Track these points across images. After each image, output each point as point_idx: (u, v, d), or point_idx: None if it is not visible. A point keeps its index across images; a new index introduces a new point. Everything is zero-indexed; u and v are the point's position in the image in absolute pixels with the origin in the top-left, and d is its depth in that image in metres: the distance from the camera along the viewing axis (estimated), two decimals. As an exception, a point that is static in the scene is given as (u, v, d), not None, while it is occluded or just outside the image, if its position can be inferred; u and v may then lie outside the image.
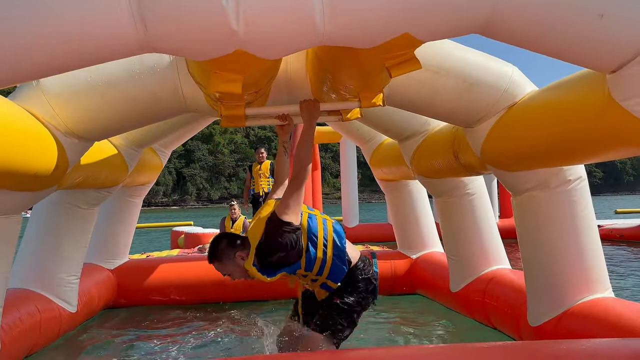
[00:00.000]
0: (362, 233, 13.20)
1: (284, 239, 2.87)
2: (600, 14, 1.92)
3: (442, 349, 2.63)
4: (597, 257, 3.61)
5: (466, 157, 3.89)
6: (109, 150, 4.45)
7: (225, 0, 1.85)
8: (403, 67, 2.32)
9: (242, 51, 2.02)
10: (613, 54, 2.09)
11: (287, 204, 2.91)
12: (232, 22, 1.89)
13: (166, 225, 24.14)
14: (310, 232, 2.98)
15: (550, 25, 2.04)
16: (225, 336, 4.80)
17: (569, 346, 2.34)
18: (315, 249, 2.98)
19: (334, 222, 3.15)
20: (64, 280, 4.69)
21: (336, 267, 3.03)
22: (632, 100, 2.19)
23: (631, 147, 2.60)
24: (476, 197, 4.96)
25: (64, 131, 3.30)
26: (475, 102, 3.36)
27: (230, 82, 2.34)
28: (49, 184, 3.32)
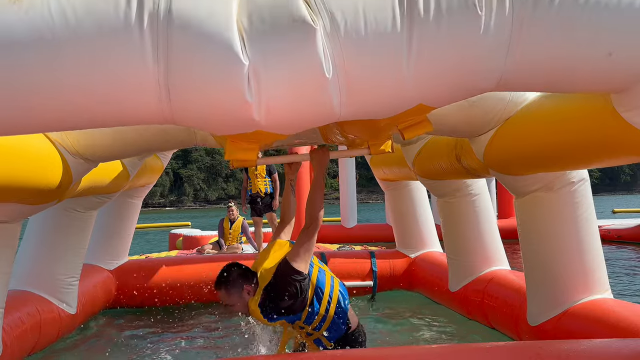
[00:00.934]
0: (360, 233, 13.20)
1: (292, 286, 2.87)
2: (609, 52, 1.96)
3: (441, 349, 2.65)
4: (598, 258, 3.63)
5: (469, 161, 3.90)
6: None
7: (249, 94, 1.90)
8: (415, 129, 2.40)
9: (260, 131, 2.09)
10: (620, 82, 2.13)
11: (298, 252, 2.91)
12: (254, 114, 1.95)
13: (163, 225, 24.10)
14: (317, 286, 2.99)
15: (559, 75, 2.09)
16: (226, 336, 4.81)
17: (569, 346, 2.35)
18: (319, 304, 2.98)
19: (340, 282, 3.17)
20: (64, 282, 4.69)
21: (335, 326, 3.03)
22: (633, 112, 2.23)
23: (631, 156, 2.63)
24: (479, 197, 4.98)
25: (72, 152, 3.34)
26: (480, 117, 3.36)
27: (246, 151, 2.38)
28: (51, 199, 3.36)
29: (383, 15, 1.88)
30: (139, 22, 1.85)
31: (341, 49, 1.89)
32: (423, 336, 4.74)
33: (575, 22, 1.91)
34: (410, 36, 1.89)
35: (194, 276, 6.14)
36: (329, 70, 1.91)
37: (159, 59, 1.88)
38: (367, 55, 1.91)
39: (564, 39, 1.94)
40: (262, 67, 1.88)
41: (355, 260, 6.54)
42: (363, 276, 6.41)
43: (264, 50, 1.87)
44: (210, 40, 1.86)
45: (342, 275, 6.32)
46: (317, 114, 2.05)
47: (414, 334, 4.83)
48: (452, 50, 1.93)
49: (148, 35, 1.85)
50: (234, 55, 1.86)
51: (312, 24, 1.86)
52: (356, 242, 11.45)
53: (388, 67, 1.94)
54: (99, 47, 1.85)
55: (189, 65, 1.89)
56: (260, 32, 1.87)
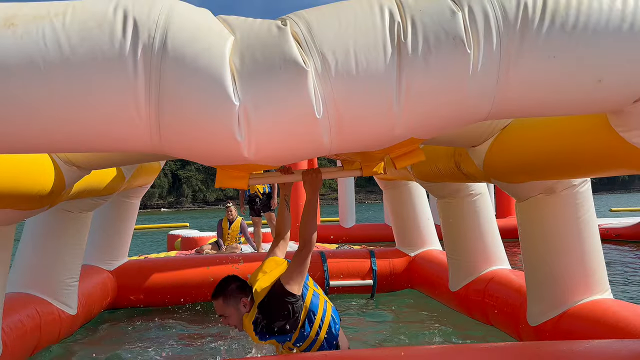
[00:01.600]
0: (358, 233, 13.22)
1: (284, 307, 2.88)
2: (598, 79, 1.95)
3: (439, 350, 2.65)
4: (598, 259, 3.65)
5: (469, 168, 3.90)
6: None
7: (239, 134, 1.91)
8: (407, 159, 2.43)
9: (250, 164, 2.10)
10: (612, 106, 2.12)
11: (292, 275, 2.93)
12: (244, 152, 1.97)
13: (162, 226, 24.08)
14: (310, 309, 3.01)
15: (550, 103, 2.09)
16: (228, 337, 4.81)
17: (567, 347, 2.35)
18: (310, 327, 3.00)
19: (333, 306, 3.17)
20: (63, 283, 4.68)
21: (323, 349, 3.04)
22: (631, 133, 2.23)
23: (628, 169, 2.62)
24: (479, 197, 4.98)
25: (65, 160, 3.34)
26: (475, 127, 3.36)
27: (236, 179, 2.40)
28: (42, 204, 3.36)
29: (374, 55, 1.89)
30: (133, 53, 1.84)
31: (332, 89, 1.90)
32: (423, 335, 4.74)
33: (564, 50, 1.91)
34: (400, 74, 1.90)
35: (194, 276, 6.13)
36: (320, 111, 1.92)
37: (151, 91, 1.87)
38: (358, 95, 1.92)
39: (553, 68, 1.94)
40: (253, 108, 1.88)
41: (355, 259, 6.54)
42: (363, 275, 6.41)
43: (255, 90, 1.88)
44: (203, 78, 1.86)
45: (342, 275, 6.35)
46: (307, 150, 2.08)
47: (414, 333, 4.83)
48: (442, 87, 1.94)
49: (141, 67, 1.85)
50: (226, 95, 1.86)
51: (303, 66, 1.87)
52: (354, 242, 11.47)
53: (378, 105, 1.95)
54: (91, 76, 1.85)
55: (180, 100, 1.88)
56: (252, 72, 1.88)
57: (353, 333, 4.89)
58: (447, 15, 1.89)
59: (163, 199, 70.12)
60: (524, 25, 1.89)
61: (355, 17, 1.93)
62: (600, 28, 1.88)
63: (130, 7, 1.87)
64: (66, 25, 1.83)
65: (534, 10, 1.89)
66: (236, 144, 1.93)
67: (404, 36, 1.89)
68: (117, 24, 1.84)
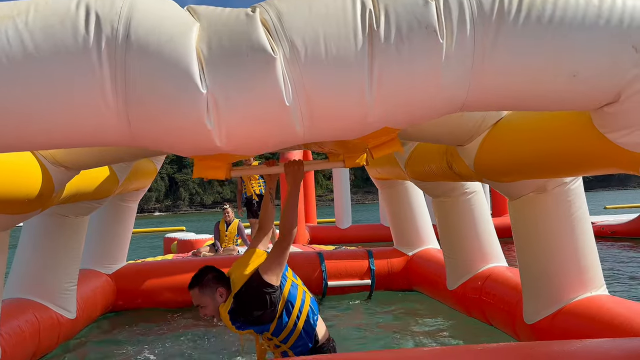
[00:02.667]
0: (354, 234, 13.23)
1: (262, 297, 2.88)
2: (573, 73, 1.96)
3: (432, 352, 2.64)
4: (592, 255, 3.65)
5: (460, 167, 3.92)
6: None
7: (208, 122, 1.91)
8: (384, 148, 2.41)
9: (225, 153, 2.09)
10: (592, 101, 2.12)
11: (270, 266, 2.93)
12: (215, 140, 1.96)
13: (158, 230, 24.01)
14: (288, 300, 3.00)
15: (525, 96, 2.09)
16: (229, 339, 4.82)
17: (560, 347, 2.35)
18: (288, 317, 3.00)
19: (312, 297, 3.17)
20: (61, 288, 4.69)
21: (302, 340, 3.04)
22: (616, 133, 2.21)
23: (614, 168, 2.63)
24: (474, 195, 5.00)
25: (52, 161, 3.31)
26: (461, 125, 3.37)
27: (214, 169, 2.38)
28: (33, 208, 3.34)
29: (344, 43, 1.89)
30: (97, 47, 1.85)
31: (302, 76, 1.90)
32: (421, 334, 4.76)
33: (540, 43, 1.91)
34: (372, 62, 1.90)
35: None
36: (289, 97, 1.92)
37: (117, 83, 1.88)
38: (328, 82, 1.92)
39: (528, 60, 1.94)
40: (221, 95, 1.88)
41: (353, 259, 6.54)
42: (361, 275, 6.43)
43: (223, 77, 1.88)
44: (168, 66, 1.86)
45: (340, 275, 6.37)
46: (279, 139, 2.07)
47: (411, 332, 4.85)
48: (415, 76, 1.94)
49: (106, 60, 1.85)
50: (193, 83, 1.86)
51: (271, 53, 1.87)
52: (351, 243, 11.47)
53: (350, 93, 1.95)
54: (56, 72, 1.86)
55: (147, 90, 1.89)
56: (219, 59, 1.88)
57: (351, 333, 4.91)
58: (420, 5, 1.89)
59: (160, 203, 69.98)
60: (500, 17, 1.90)
61: (326, 5, 1.92)
62: (576, 23, 1.89)
63: (92, 1, 1.89)
64: (29, 23, 1.85)
65: (510, 2, 1.90)
66: (206, 131, 1.93)
67: (377, 25, 1.89)
68: (80, 19, 1.85)
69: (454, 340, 4.55)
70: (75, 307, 4.84)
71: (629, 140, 2.16)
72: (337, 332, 4.84)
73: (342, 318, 5.46)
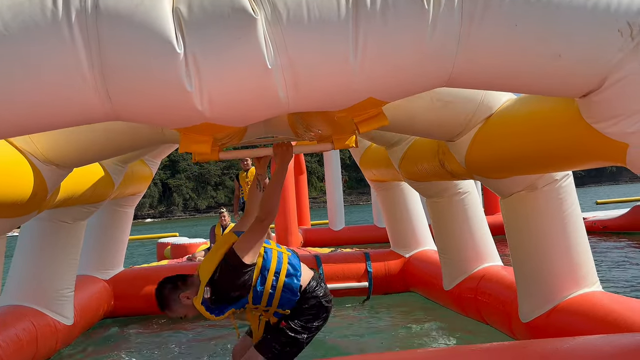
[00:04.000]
0: (347, 236, 13.23)
1: (240, 279, 2.85)
2: (558, 54, 1.95)
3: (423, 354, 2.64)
4: (585, 252, 3.67)
5: (452, 165, 3.94)
6: (93, 167, 4.40)
7: (189, 84, 1.89)
8: (371, 123, 2.39)
9: (209, 122, 2.07)
10: (577, 85, 2.11)
11: (251, 246, 2.88)
12: (197, 104, 1.93)
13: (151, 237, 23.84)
14: (263, 268, 2.98)
15: (510, 73, 2.11)
16: (226, 342, 4.82)
17: (552, 345, 2.36)
18: (262, 284, 2.97)
19: (290, 254, 3.13)
20: (58, 294, 4.67)
21: (285, 298, 3.02)
22: (603, 123, 2.22)
23: (602, 160, 2.65)
24: (467, 195, 5.02)
25: (42, 159, 3.28)
26: (452, 118, 3.39)
27: (200, 143, 2.35)
28: (28, 210, 3.32)
29: (328, 6, 1.88)
30: (67, 20, 1.83)
31: (284, 38, 1.88)
32: (418, 336, 4.77)
33: (526, 19, 1.93)
34: (357, 28, 1.89)
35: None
36: (272, 60, 1.90)
37: (92, 56, 1.86)
38: (310, 45, 1.90)
39: (514, 36, 1.95)
40: (201, 56, 1.87)
41: (350, 262, 6.54)
42: (358, 277, 6.42)
43: (203, 38, 1.87)
44: (141, 31, 1.84)
45: (338, 278, 6.37)
46: (263, 105, 2.03)
47: (409, 334, 4.87)
48: (400, 44, 1.93)
49: (78, 32, 1.84)
50: (168, 44, 1.85)
51: (252, 13, 1.86)
52: (344, 245, 11.48)
53: (334, 58, 1.92)
54: (29, 50, 1.84)
55: (122, 59, 1.87)
56: (200, 20, 1.87)
57: (350, 336, 4.92)
58: None
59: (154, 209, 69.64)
60: None
61: None
62: (564, 2, 1.91)
63: None
64: None
65: None
66: (187, 94, 1.90)
67: None
68: None
69: (451, 340, 4.56)
70: (73, 313, 4.83)
71: (616, 130, 2.18)
72: (335, 335, 4.86)
73: (340, 320, 5.47)
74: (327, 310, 3.13)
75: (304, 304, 3.06)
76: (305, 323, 3.05)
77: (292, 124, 3.11)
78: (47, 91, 1.92)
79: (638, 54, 1.96)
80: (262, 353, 3.03)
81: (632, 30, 1.92)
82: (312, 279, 3.13)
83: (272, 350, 3.02)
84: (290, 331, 3.02)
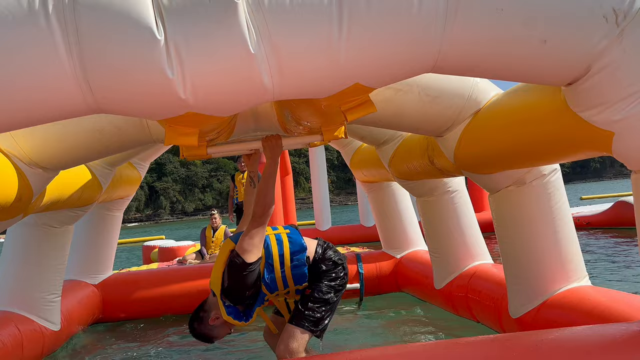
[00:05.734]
0: (334, 235, 13.27)
1: (248, 278, 2.88)
2: (543, 39, 1.96)
3: (411, 348, 2.65)
4: (573, 247, 3.71)
5: (441, 162, 3.96)
6: (80, 170, 4.36)
7: (170, 71, 1.86)
8: (358, 110, 2.38)
9: (194, 112, 2.04)
10: (563, 72, 2.12)
11: (253, 243, 2.88)
12: (179, 92, 1.90)
13: (136, 240, 23.64)
14: (267, 257, 3.01)
15: (496, 59, 2.11)
16: (217, 348, 4.78)
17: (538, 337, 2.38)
18: (271, 272, 3.02)
19: (289, 231, 3.16)
20: (44, 299, 4.60)
21: (297, 275, 3.09)
22: (589, 112, 2.24)
23: (592, 151, 2.68)
24: (457, 194, 5.05)
25: (27, 162, 3.22)
26: (441, 113, 3.40)
27: (186, 136, 2.31)
28: (12, 214, 3.25)
29: None
30: (44, 10, 1.80)
31: (266, 22, 1.86)
32: (409, 334, 4.79)
33: (511, 4, 1.93)
34: (341, 10, 1.87)
35: (180, 286, 6.07)
36: (254, 45, 1.87)
37: (71, 46, 1.83)
38: (294, 29, 1.88)
39: (499, 21, 1.95)
40: (183, 42, 1.84)
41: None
42: (350, 279, 6.40)
43: (184, 24, 1.85)
44: (120, 18, 1.82)
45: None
46: (248, 92, 2.00)
47: (401, 333, 4.88)
48: (385, 26, 1.91)
49: (55, 23, 1.81)
50: (148, 32, 1.82)
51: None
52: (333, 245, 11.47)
53: (318, 42, 1.89)
54: (6, 42, 1.80)
55: (102, 48, 1.84)
56: (180, 6, 1.85)
57: (343, 338, 4.91)
58: None
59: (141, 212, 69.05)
60: None
61: None
62: None
63: None
64: None
65: None
66: (168, 82, 1.87)
67: None
68: None
69: (442, 339, 4.58)
70: (60, 318, 4.76)
71: (602, 118, 2.20)
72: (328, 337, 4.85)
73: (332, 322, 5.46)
74: (344, 267, 3.21)
75: (318, 269, 3.12)
76: (329, 282, 3.12)
77: (280, 119, 3.10)
78: (26, 83, 1.87)
79: (623, 41, 1.97)
80: (299, 325, 3.08)
81: (617, 16, 1.93)
82: (317, 245, 3.19)
83: (307, 318, 3.08)
84: (318, 293, 3.10)
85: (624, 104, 2.08)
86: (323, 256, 3.15)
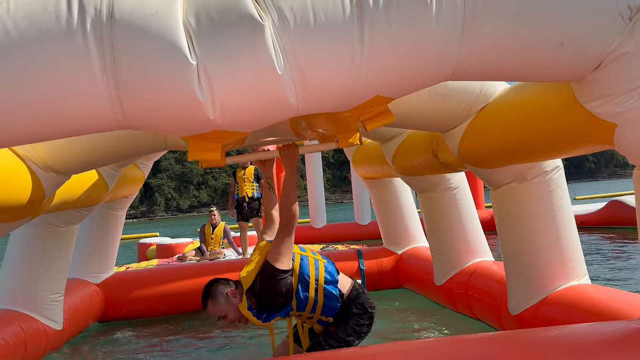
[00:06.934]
0: (329, 233, 13.32)
1: (279, 286, 2.91)
2: (560, 42, 2.00)
3: (407, 345, 2.68)
4: (574, 245, 3.72)
5: (445, 156, 3.98)
6: (88, 171, 4.33)
7: (201, 94, 1.90)
8: (377, 120, 2.42)
9: (219, 130, 2.08)
10: (578, 69, 2.16)
11: (280, 251, 2.93)
12: (209, 113, 1.95)
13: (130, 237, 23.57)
14: (302, 274, 3.02)
15: (514, 64, 2.15)
16: (220, 346, 4.82)
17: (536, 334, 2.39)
18: (305, 291, 3.02)
19: (326, 262, 3.18)
20: (48, 298, 4.62)
21: (328, 305, 3.08)
22: (594, 102, 2.27)
23: (595, 145, 2.72)
24: (458, 190, 5.07)
25: (42, 166, 3.25)
26: (451, 110, 3.43)
27: (209, 151, 2.36)
28: (23, 215, 3.29)
29: (332, 8, 1.90)
30: (82, 29, 1.84)
31: (292, 43, 1.90)
32: (411, 332, 4.81)
33: (527, 8, 1.97)
34: (362, 28, 1.91)
35: (182, 285, 6.07)
36: (281, 66, 1.92)
37: (106, 65, 1.87)
38: (318, 49, 1.91)
39: (516, 26, 1.99)
40: (212, 65, 1.88)
41: (343, 259, 6.55)
42: (351, 275, 6.38)
43: (213, 48, 1.88)
44: (156, 41, 1.85)
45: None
46: (274, 110, 2.05)
47: (401, 329, 4.91)
48: (405, 41, 1.95)
49: (92, 41, 1.84)
50: (182, 55, 1.86)
51: (259, 20, 1.88)
52: (326, 242, 11.53)
53: (341, 59, 1.94)
54: (43, 58, 1.84)
55: (136, 69, 1.88)
56: (209, 30, 1.88)
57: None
58: None
59: (135, 209, 68.77)
60: None
61: None
62: None
63: None
64: (11, 11, 1.84)
65: None
66: (199, 104, 1.91)
67: None
68: (62, 3, 1.85)
69: (442, 335, 4.61)
70: (62, 317, 4.77)
71: (605, 110, 2.24)
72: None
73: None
74: (371, 316, 3.21)
75: (348, 309, 3.13)
76: (355, 326, 3.13)
77: (293, 125, 3.13)
78: (60, 99, 1.91)
79: (634, 35, 2.02)
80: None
81: (631, 11, 1.97)
82: (353, 287, 3.20)
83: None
84: (342, 334, 3.10)
85: (628, 96, 2.13)
86: (357, 299, 3.17)
